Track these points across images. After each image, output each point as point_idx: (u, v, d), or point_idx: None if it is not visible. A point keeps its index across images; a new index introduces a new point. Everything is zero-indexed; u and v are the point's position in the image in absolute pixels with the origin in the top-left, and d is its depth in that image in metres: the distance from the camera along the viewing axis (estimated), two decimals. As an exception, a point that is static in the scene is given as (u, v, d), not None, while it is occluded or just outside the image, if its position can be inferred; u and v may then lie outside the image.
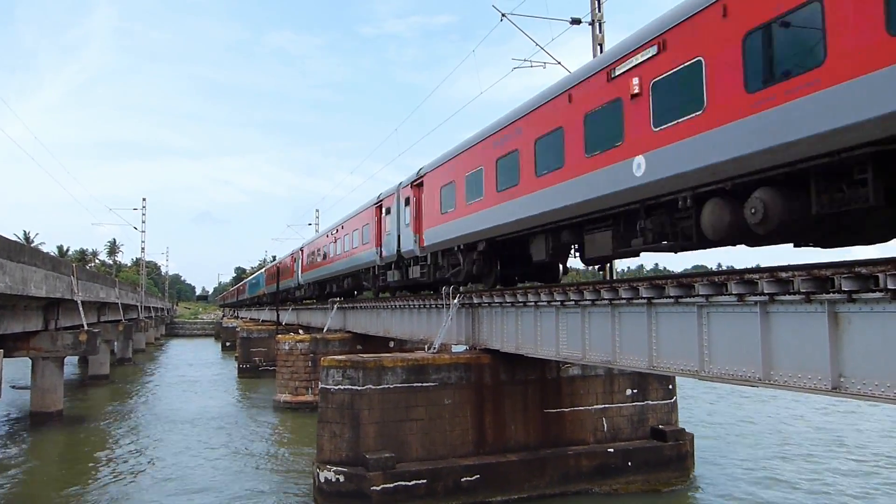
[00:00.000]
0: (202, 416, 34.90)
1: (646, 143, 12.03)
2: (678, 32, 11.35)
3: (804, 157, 8.92)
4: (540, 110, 15.99)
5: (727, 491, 20.38)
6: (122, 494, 20.43)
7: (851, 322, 8.76)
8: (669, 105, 11.52)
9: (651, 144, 11.91)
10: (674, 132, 11.36)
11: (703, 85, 10.69)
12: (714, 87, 10.51)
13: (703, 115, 10.71)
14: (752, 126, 9.72)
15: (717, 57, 10.48)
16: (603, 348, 14.15)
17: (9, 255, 22.69)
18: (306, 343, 36.32)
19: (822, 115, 8.58)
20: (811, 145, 8.77)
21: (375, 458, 17.67)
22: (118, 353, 63.71)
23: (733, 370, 10.64)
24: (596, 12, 22.66)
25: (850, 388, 8.74)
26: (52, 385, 32.83)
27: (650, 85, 11.98)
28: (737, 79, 10.05)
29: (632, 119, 12.46)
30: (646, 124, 12.04)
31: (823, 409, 34.27)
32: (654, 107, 11.86)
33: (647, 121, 12.00)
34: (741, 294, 10.22)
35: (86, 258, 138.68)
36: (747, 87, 9.83)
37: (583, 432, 20.44)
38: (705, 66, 10.70)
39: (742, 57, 9.95)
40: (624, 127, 12.66)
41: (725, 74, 10.28)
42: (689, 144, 11.00)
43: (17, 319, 28.40)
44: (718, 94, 10.41)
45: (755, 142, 9.63)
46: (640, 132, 12.21)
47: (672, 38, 11.50)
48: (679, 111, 11.26)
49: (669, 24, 11.57)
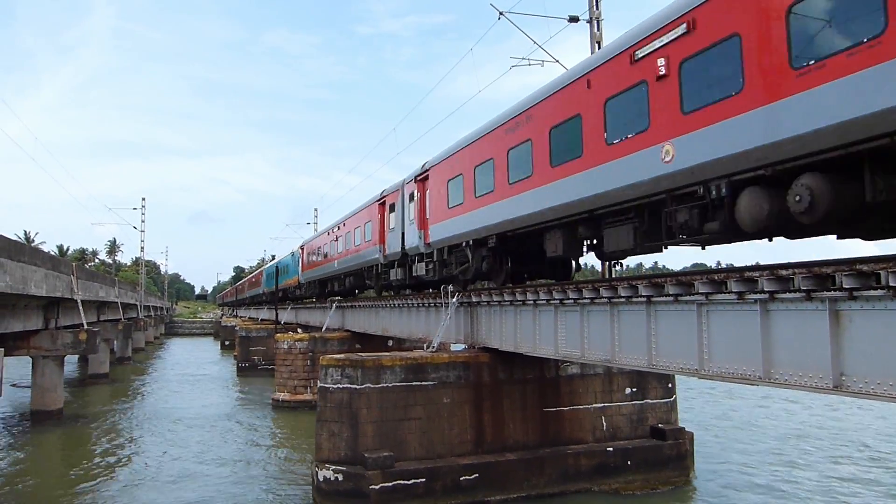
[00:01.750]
0: (201, 414, 34.86)
1: (675, 129, 11.23)
2: (711, 7, 10.56)
3: (863, 137, 8.18)
4: (556, 97, 15.09)
5: (727, 489, 20.33)
6: (121, 492, 20.38)
7: (853, 320, 8.69)
8: (701, 86, 10.74)
9: (681, 129, 11.10)
10: (708, 115, 10.56)
11: (741, 63, 9.91)
12: (753, 64, 9.70)
13: (741, 95, 9.93)
14: (799, 105, 8.97)
15: (757, 32, 9.66)
16: (602, 347, 14.09)
17: (9, 254, 22.65)
18: (305, 342, 36.28)
19: (885, 90, 7.88)
20: (870, 125, 8.04)
21: (374, 457, 17.62)
22: (118, 352, 63.68)
23: (733, 369, 10.57)
24: (594, 10, 22.63)
25: (851, 386, 8.67)
26: (52, 384, 32.80)
27: (679, 66, 11.19)
28: (781, 54, 9.25)
29: (658, 103, 11.63)
30: (674, 108, 11.25)
31: (824, 408, 34.22)
32: (684, 89, 11.07)
33: (677, 104, 11.21)
34: (741, 292, 10.16)
35: (85, 257, 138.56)
36: (792, 63, 9.09)
37: (582, 431, 20.39)
38: (743, 42, 9.90)
39: (787, 30, 9.15)
40: (650, 112, 11.85)
41: (767, 50, 9.47)
42: (725, 128, 10.21)
43: (17, 318, 28.36)
44: (759, 72, 9.63)
45: (803, 123, 8.89)
46: (667, 117, 11.40)
47: (704, 13, 10.69)
48: (713, 92, 10.46)
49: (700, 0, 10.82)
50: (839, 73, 8.42)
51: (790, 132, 9.11)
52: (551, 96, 15.32)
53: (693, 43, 10.90)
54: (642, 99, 12.05)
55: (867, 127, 8.12)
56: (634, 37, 12.46)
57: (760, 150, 9.62)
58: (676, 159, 11.22)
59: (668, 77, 11.41)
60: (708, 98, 10.59)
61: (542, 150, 15.50)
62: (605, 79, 13.29)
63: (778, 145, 9.33)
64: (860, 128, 8.20)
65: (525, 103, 16.61)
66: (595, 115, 13.51)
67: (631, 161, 12.36)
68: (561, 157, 14.76)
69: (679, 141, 11.17)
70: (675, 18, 11.31)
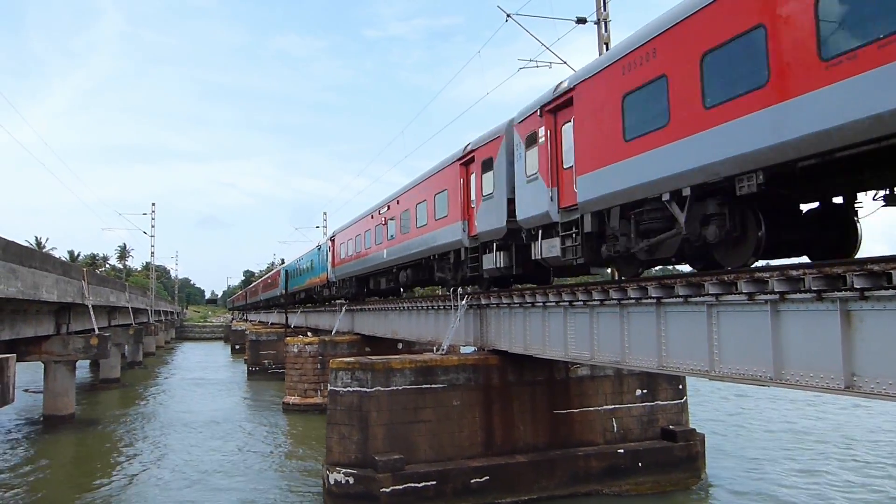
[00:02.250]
0: (212, 418, 35.01)
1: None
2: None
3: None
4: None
5: (739, 492, 20.22)
6: (133, 496, 20.50)
7: (864, 320, 8.64)
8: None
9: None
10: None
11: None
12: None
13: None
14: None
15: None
16: (612, 348, 14.07)
17: (21, 260, 22.82)
18: (315, 345, 36.37)
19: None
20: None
21: (384, 459, 17.65)
22: (129, 357, 64.00)
23: (744, 370, 10.53)
24: (601, 11, 22.62)
25: (863, 387, 8.62)
26: (64, 388, 33.03)
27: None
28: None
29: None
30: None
31: (836, 408, 34.00)
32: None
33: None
34: (751, 293, 10.11)
35: (96, 263, 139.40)
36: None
37: (592, 433, 20.35)
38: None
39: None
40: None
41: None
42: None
43: (29, 324, 28.57)
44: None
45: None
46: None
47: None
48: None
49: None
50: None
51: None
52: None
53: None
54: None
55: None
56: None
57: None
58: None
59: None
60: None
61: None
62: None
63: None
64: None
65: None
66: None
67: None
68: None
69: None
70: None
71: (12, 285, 21.87)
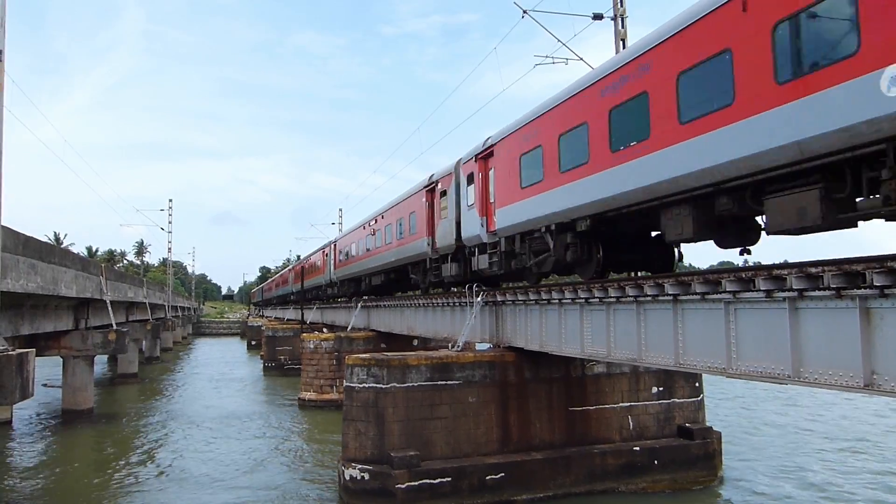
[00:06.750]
0: (229, 413, 35.30)
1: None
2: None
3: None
4: (684, 34, 11.58)
5: (756, 490, 20.09)
6: (151, 491, 20.72)
7: (884, 318, 8.56)
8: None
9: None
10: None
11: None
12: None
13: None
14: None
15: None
16: (628, 346, 14.02)
17: (40, 255, 23.11)
18: (331, 341, 36.52)
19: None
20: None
21: (400, 456, 17.71)
22: (146, 352, 64.67)
23: (762, 367, 10.46)
24: (618, 7, 22.46)
25: (882, 385, 8.55)
26: (83, 383, 33.40)
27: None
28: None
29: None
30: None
31: (856, 407, 33.67)
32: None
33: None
34: (769, 290, 10.04)
35: (114, 258, 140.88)
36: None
37: (608, 431, 20.30)
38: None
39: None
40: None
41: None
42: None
43: (48, 319, 28.94)
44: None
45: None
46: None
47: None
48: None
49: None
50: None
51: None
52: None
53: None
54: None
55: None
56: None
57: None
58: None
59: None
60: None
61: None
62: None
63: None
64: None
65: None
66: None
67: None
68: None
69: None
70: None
71: (32, 280, 22.15)
